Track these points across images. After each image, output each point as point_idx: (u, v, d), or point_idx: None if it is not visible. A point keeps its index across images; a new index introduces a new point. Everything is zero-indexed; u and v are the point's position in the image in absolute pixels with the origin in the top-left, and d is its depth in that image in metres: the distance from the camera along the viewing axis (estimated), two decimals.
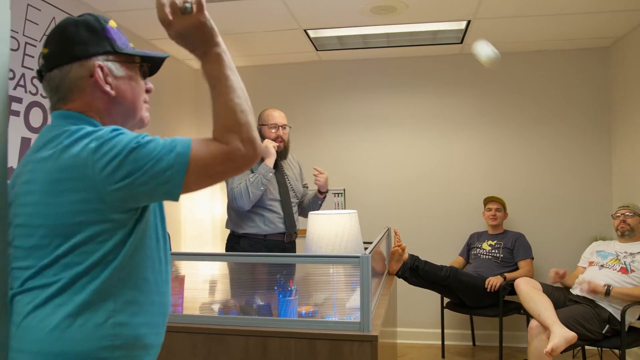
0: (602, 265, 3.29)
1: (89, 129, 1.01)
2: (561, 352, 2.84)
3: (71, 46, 1.06)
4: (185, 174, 0.97)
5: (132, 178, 0.96)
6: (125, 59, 1.12)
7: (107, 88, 1.08)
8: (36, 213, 1.00)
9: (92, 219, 0.98)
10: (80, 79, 1.06)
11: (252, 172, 2.75)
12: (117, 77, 1.10)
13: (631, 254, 3.20)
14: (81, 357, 0.97)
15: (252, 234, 2.81)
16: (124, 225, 1.02)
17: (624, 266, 3.16)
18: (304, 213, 3.08)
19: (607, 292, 3.01)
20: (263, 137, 2.87)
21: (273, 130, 2.88)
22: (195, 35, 1.03)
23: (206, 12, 1.02)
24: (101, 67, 1.07)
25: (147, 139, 0.99)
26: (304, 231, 2.49)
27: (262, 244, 2.81)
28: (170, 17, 1.00)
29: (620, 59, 4.00)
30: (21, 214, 1.03)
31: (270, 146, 2.81)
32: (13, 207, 1.05)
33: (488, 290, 3.59)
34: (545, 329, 2.93)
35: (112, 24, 1.12)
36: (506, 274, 3.71)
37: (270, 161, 2.77)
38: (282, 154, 2.92)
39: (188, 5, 1.00)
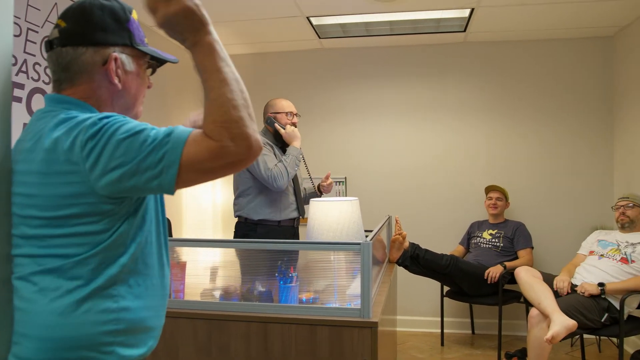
0: (602, 255, 3.29)
1: (80, 117, 0.98)
2: (560, 340, 2.87)
3: (92, 30, 1.05)
4: (178, 169, 0.93)
5: (122, 170, 0.94)
6: (138, 54, 1.12)
7: (116, 81, 1.08)
8: (31, 204, 1.00)
9: (88, 211, 0.98)
10: (92, 65, 1.05)
11: (276, 157, 2.82)
12: (127, 71, 1.10)
13: (632, 244, 3.20)
14: (85, 341, 0.98)
15: (269, 220, 2.85)
16: (122, 214, 1.01)
17: (625, 256, 3.17)
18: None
19: (602, 292, 3.02)
20: (280, 124, 2.93)
21: (289, 118, 2.94)
22: (184, 23, 0.96)
23: None
24: (115, 59, 1.07)
25: (138, 127, 0.95)
26: (305, 219, 2.51)
27: (277, 230, 2.87)
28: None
29: (624, 49, 3.97)
30: (18, 203, 1.03)
31: (296, 130, 2.88)
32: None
33: (488, 282, 3.61)
34: (546, 317, 2.95)
35: (134, 15, 1.12)
36: (506, 263, 3.72)
37: (298, 143, 2.85)
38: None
39: None
